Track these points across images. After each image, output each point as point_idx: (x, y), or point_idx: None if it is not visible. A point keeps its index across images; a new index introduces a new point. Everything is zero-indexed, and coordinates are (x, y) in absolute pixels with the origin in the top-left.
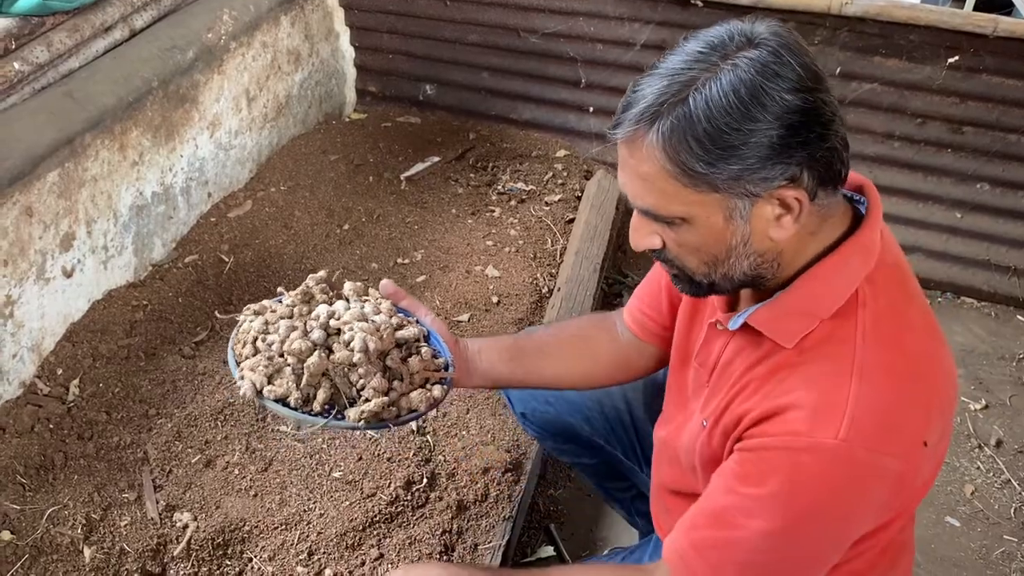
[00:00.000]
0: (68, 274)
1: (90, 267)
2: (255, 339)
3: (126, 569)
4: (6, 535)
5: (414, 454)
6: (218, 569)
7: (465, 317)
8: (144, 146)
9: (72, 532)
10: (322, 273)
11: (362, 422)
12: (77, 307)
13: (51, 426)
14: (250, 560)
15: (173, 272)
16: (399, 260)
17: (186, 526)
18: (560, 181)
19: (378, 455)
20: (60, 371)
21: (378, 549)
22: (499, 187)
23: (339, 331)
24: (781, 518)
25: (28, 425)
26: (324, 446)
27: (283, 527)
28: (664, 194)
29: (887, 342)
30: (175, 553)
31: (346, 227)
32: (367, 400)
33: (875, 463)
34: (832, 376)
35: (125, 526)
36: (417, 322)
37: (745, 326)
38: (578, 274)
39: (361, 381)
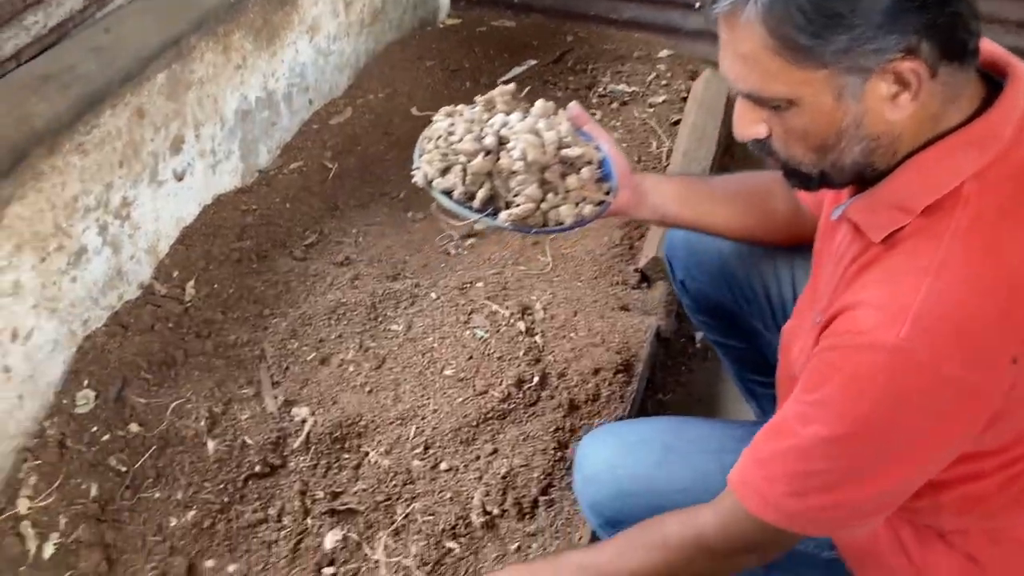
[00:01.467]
0: (179, 177)
1: (199, 171)
2: (439, 137)
3: (248, 461)
4: (134, 427)
5: (524, 354)
6: (336, 462)
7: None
8: (247, 49)
9: (196, 425)
10: (512, 86)
11: (509, 223)
12: (188, 211)
13: (170, 325)
14: (367, 454)
15: (279, 178)
16: None
17: (304, 420)
18: (664, 82)
19: (488, 354)
20: (176, 273)
21: (492, 444)
22: (600, 90)
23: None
24: (836, 423)
25: (148, 324)
26: (435, 345)
27: (398, 422)
28: (767, 74)
29: (983, 245)
30: (295, 446)
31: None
32: (518, 205)
33: (939, 369)
34: (908, 273)
35: (246, 420)
36: (596, 147)
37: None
38: None
39: (518, 188)
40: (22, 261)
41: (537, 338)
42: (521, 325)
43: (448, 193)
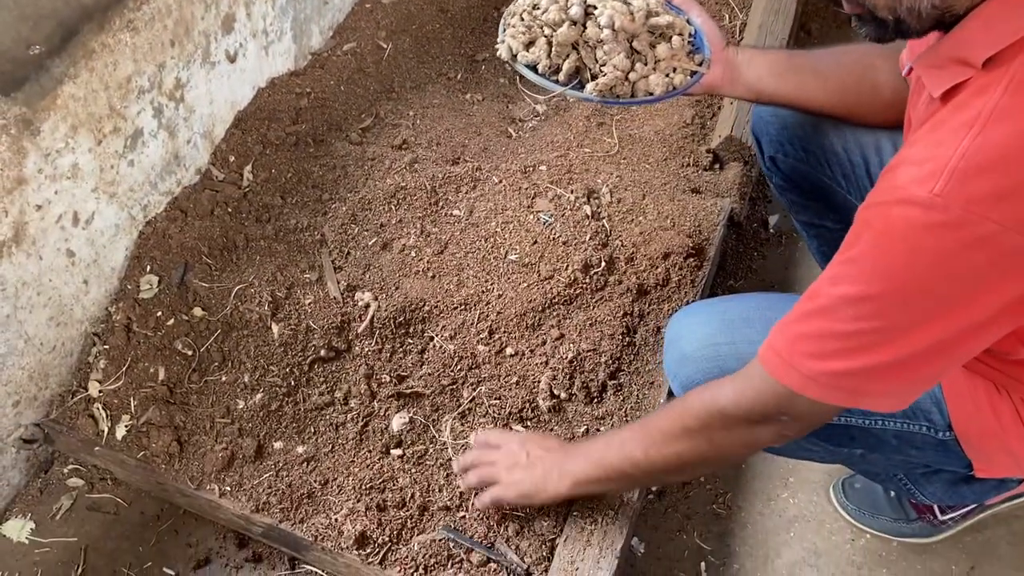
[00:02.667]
0: (232, 59)
1: (252, 52)
2: (523, 11)
3: (313, 345)
4: (198, 311)
5: (590, 238)
6: (401, 346)
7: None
8: None
9: (260, 309)
10: None
11: (595, 94)
12: (242, 94)
13: (229, 210)
14: (431, 338)
15: (332, 60)
16: None
17: (368, 305)
18: None
19: (553, 239)
20: (232, 158)
21: (559, 329)
22: None
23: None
24: (863, 280)
25: (208, 209)
26: (498, 229)
27: (462, 307)
28: None
29: None
30: (359, 331)
31: (504, 9)
32: (605, 75)
33: (975, 225)
34: (953, 127)
35: (309, 304)
36: (688, 21)
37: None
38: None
39: (604, 57)
40: (79, 143)
41: (604, 222)
42: (587, 209)
43: (533, 67)
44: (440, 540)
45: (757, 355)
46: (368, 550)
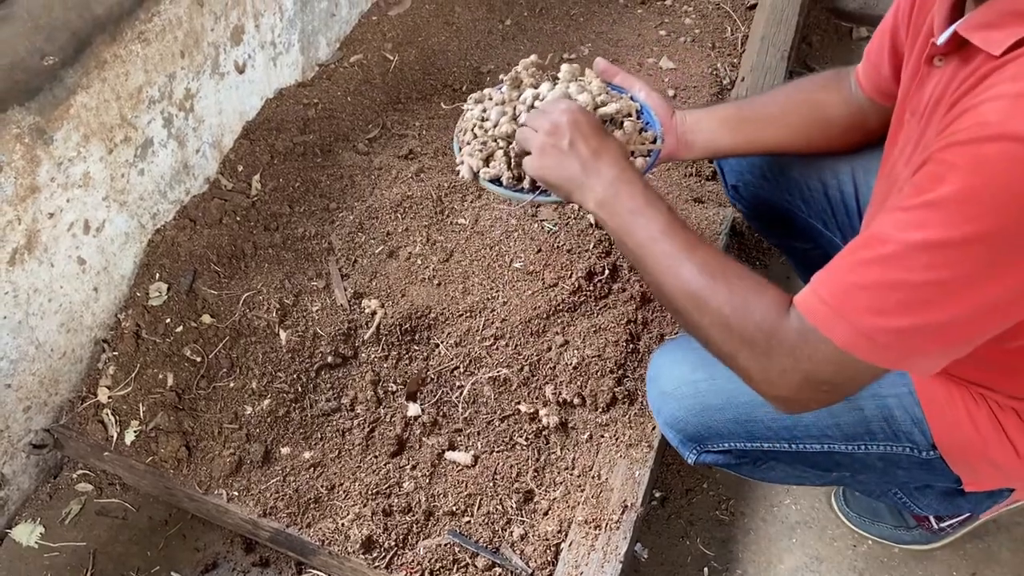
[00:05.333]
0: (240, 70)
1: (260, 63)
2: (474, 126)
3: (320, 351)
4: (207, 318)
5: (594, 246)
6: (407, 353)
7: None
8: None
9: (267, 316)
10: (533, 57)
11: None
12: (251, 104)
13: (238, 218)
14: (437, 346)
15: (340, 72)
16: (564, 55)
17: (374, 312)
18: None
19: (558, 247)
20: (241, 167)
21: (563, 336)
22: None
23: None
24: (949, 224)
25: (216, 217)
26: (503, 238)
27: (468, 314)
28: None
29: None
30: (365, 338)
31: (508, 22)
32: None
33: None
34: None
35: (316, 311)
36: (632, 98)
37: (958, 44)
38: (764, 62)
39: None
40: (90, 152)
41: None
42: (590, 218)
43: (497, 180)
44: (446, 545)
45: (802, 313)
46: (374, 554)
